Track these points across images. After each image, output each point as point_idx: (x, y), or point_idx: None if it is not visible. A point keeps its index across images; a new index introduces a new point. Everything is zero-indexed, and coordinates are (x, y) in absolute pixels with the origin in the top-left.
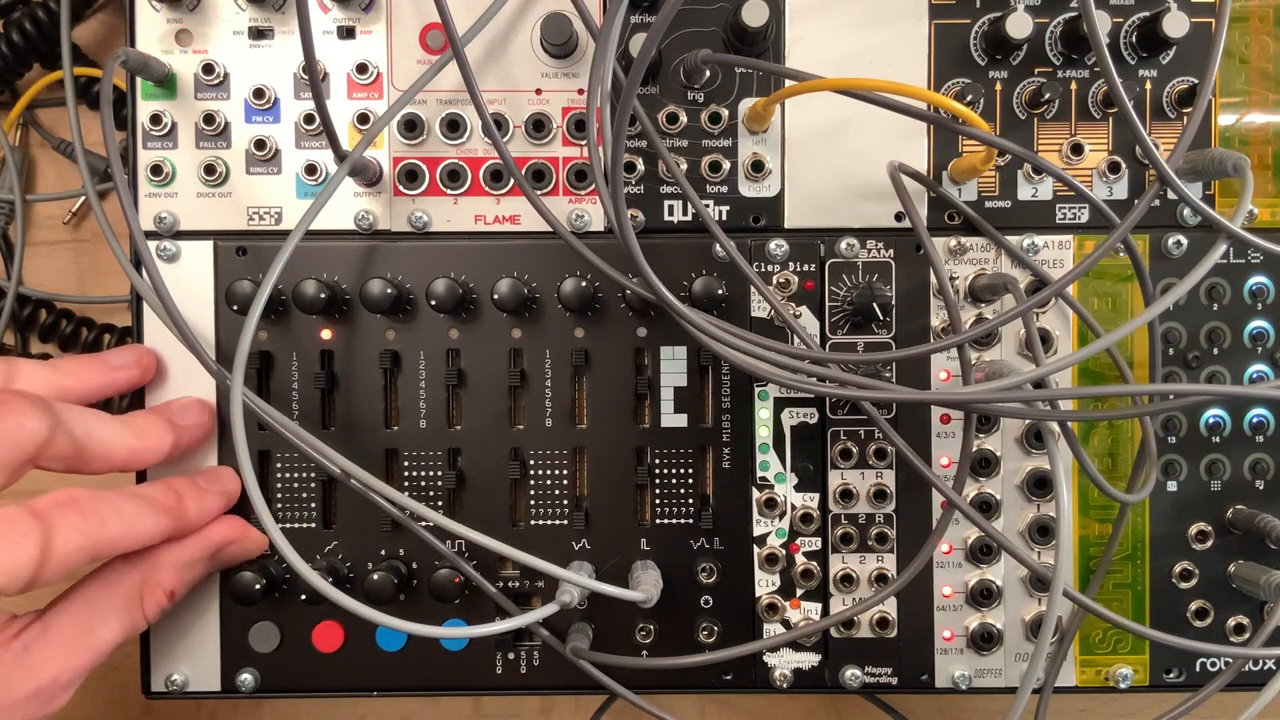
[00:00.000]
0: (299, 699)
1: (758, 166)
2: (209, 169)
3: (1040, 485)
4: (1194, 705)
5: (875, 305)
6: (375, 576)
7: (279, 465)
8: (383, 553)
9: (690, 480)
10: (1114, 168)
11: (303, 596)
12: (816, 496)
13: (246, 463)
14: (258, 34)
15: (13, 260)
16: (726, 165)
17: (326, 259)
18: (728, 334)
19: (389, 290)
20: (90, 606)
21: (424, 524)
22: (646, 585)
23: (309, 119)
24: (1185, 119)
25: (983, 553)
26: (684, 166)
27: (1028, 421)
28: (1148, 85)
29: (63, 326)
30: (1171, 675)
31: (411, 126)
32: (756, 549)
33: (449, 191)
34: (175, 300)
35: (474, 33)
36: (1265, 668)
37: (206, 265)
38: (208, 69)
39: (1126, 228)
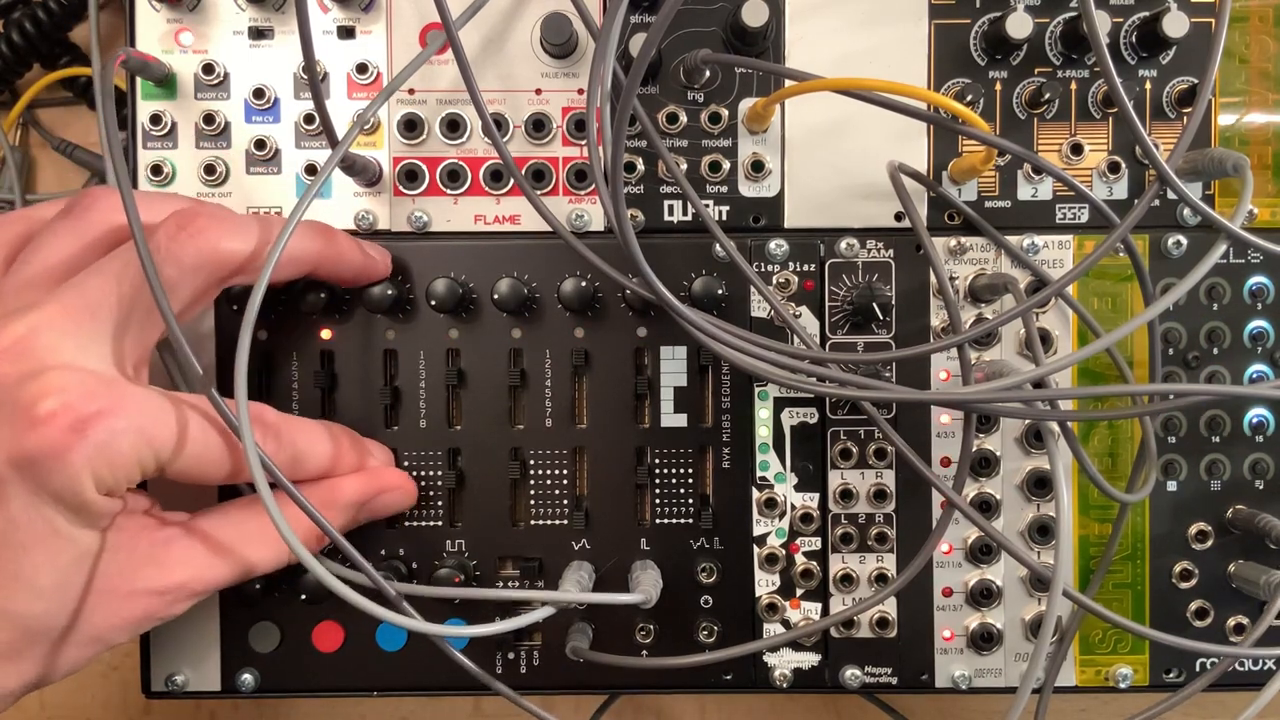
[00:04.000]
0: (299, 699)
1: (758, 166)
2: (209, 169)
3: (1040, 485)
4: (1174, 704)
5: (875, 305)
6: None
7: None
8: (383, 552)
9: (690, 480)
10: (1114, 168)
11: (303, 596)
12: (816, 496)
13: (255, 460)
14: (258, 34)
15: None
16: (726, 165)
17: None
18: (728, 334)
19: (389, 290)
20: (240, 526)
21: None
22: (646, 585)
23: (309, 119)
24: (1185, 119)
25: (983, 553)
26: (684, 166)
27: (1028, 421)
28: (1148, 85)
29: None
30: (1171, 675)
31: (411, 126)
32: (756, 549)
33: (449, 191)
34: None
35: (468, 16)
36: (1265, 668)
37: None
38: (208, 69)
39: (1126, 228)
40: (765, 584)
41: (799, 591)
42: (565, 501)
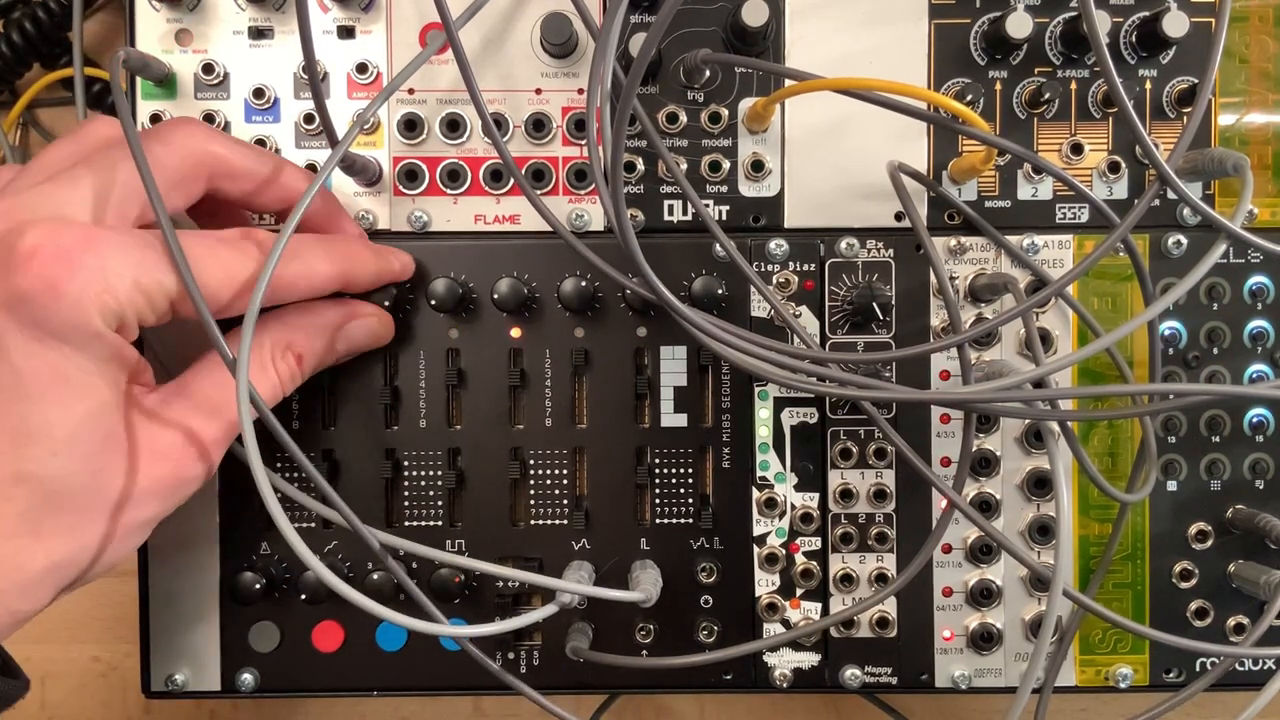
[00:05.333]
0: (299, 699)
1: (758, 166)
2: None
3: (1040, 485)
4: (1176, 704)
5: (875, 305)
6: (375, 576)
7: (279, 465)
8: None
9: (690, 480)
10: (1114, 168)
11: (303, 596)
12: (816, 496)
13: (256, 459)
14: (258, 34)
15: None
16: (726, 165)
17: None
18: (728, 334)
19: (389, 290)
20: (222, 369)
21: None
22: (646, 585)
23: (309, 119)
24: (1185, 119)
25: (983, 552)
26: (684, 166)
27: (1028, 421)
28: (1148, 85)
29: None
30: (1171, 675)
31: (411, 126)
32: (756, 549)
33: (449, 191)
34: None
35: (468, 15)
36: (1265, 668)
37: None
38: (208, 69)
39: (1126, 228)
40: (765, 584)
41: (799, 591)
42: (565, 501)
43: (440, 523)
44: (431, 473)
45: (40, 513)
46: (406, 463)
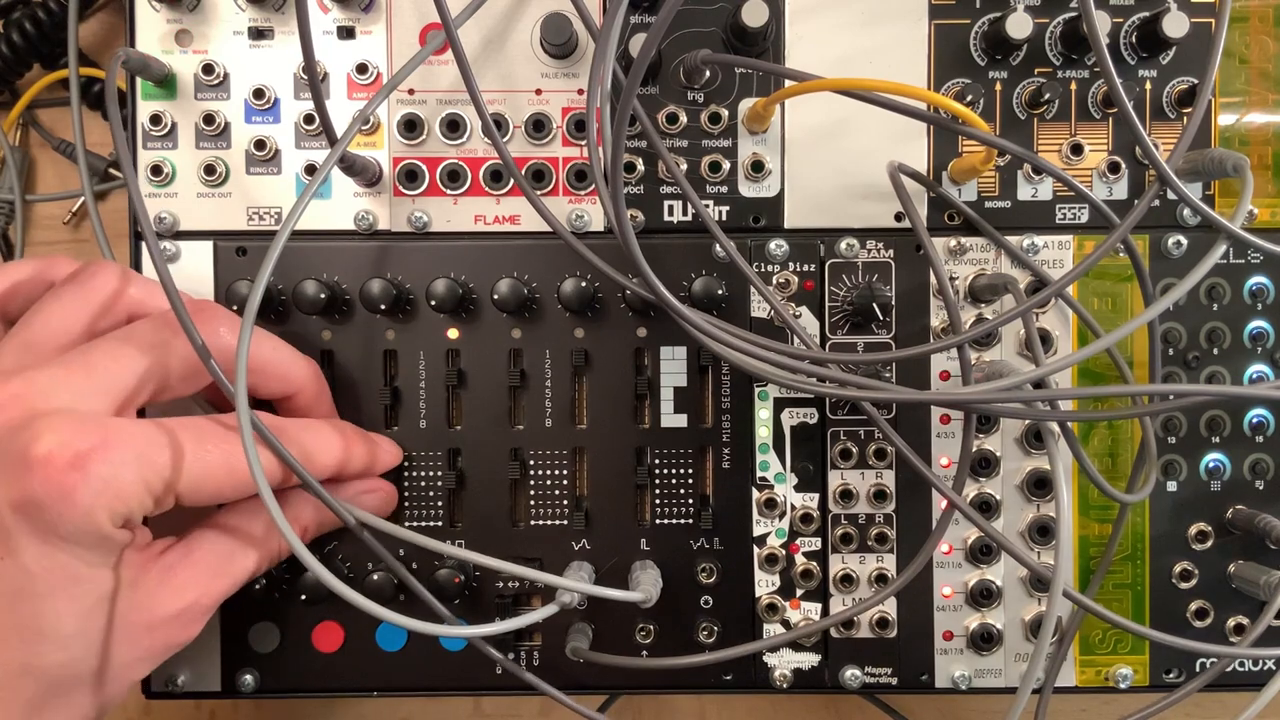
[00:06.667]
0: (299, 699)
1: (758, 166)
2: (209, 169)
3: (1040, 485)
4: (1171, 704)
5: (875, 305)
6: (375, 577)
7: None
8: None
9: (690, 480)
10: (1114, 168)
11: (303, 596)
12: (816, 496)
13: (256, 462)
14: (258, 34)
15: (12, 260)
16: (726, 165)
17: (326, 259)
18: (728, 334)
19: (389, 290)
20: (232, 534)
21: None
22: (646, 585)
23: (309, 119)
24: (1185, 119)
25: (983, 553)
26: (684, 166)
27: (1028, 421)
28: (1148, 85)
29: None
30: (1171, 675)
31: (411, 126)
32: (756, 549)
33: (449, 191)
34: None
35: (468, 15)
36: (1265, 668)
37: (206, 266)
38: (208, 69)
39: (1126, 228)
40: (765, 584)
41: (799, 592)
42: (565, 501)
43: (440, 523)
44: (431, 473)
45: (44, 698)
46: (406, 463)
